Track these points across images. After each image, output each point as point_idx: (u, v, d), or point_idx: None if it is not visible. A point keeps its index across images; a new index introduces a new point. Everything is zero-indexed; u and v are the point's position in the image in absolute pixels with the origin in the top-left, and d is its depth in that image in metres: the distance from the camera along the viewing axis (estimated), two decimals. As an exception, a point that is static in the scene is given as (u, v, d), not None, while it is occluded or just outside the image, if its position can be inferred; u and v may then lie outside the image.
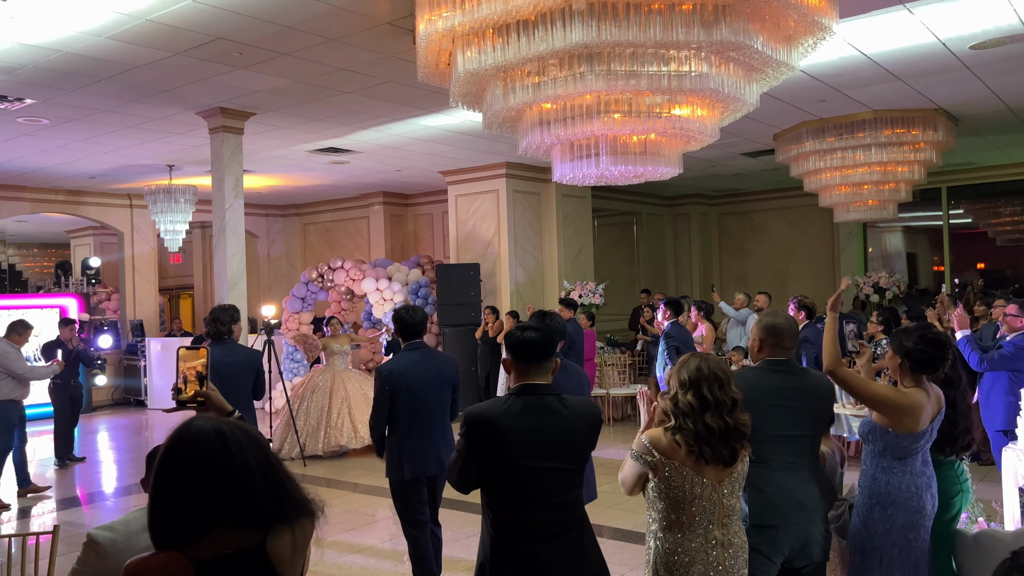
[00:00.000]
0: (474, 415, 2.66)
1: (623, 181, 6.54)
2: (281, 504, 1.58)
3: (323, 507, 1.81)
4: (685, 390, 2.67)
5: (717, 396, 2.65)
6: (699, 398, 2.64)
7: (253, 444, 1.59)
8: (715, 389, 2.65)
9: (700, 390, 2.65)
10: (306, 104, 8.35)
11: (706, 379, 2.66)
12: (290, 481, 1.63)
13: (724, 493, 2.68)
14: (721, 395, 2.65)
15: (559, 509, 2.64)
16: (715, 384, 2.66)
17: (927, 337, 3.25)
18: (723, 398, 2.65)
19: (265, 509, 1.55)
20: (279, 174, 12.60)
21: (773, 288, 14.43)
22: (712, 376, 2.67)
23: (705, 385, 2.65)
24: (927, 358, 3.25)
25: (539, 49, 4.86)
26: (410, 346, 4.25)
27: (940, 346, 3.24)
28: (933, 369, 3.26)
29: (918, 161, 9.60)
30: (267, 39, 6.35)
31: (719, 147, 11.04)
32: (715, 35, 4.74)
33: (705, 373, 2.67)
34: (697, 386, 2.66)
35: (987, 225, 17.27)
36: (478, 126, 6.77)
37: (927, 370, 3.26)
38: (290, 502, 1.60)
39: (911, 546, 3.23)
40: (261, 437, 1.65)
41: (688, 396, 2.65)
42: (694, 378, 2.67)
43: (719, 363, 2.74)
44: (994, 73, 7.93)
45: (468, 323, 11.52)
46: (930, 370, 3.26)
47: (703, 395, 2.64)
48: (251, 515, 1.54)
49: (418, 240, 15.36)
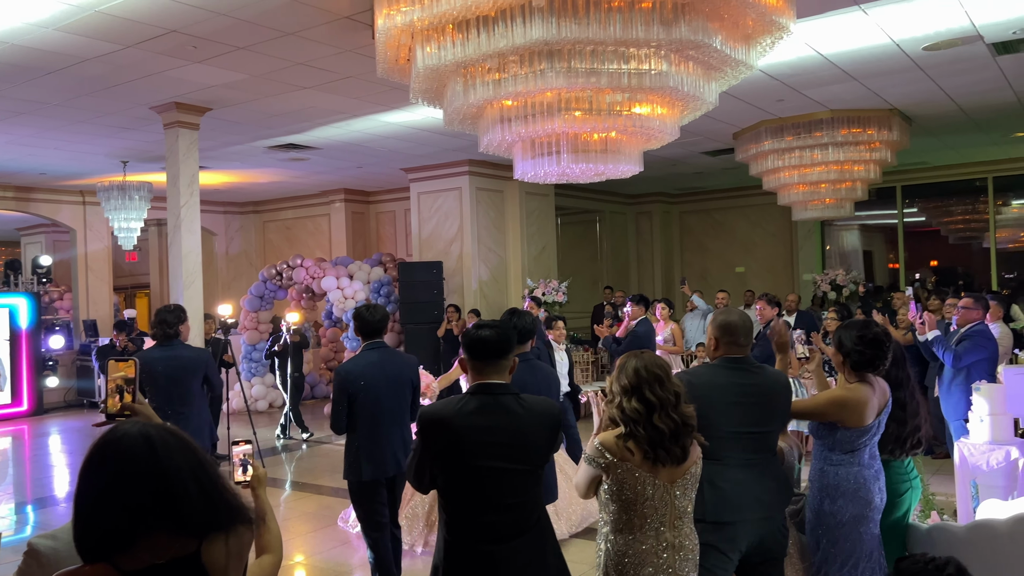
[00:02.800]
0: (428, 415, 2.63)
1: (584, 179, 6.54)
2: (215, 510, 1.52)
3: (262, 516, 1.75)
4: (629, 396, 2.65)
5: (660, 395, 2.63)
6: (643, 402, 2.62)
7: (183, 448, 1.53)
8: (656, 389, 2.63)
9: (643, 393, 2.63)
10: (264, 99, 8.21)
11: (646, 381, 2.64)
12: (225, 487, 1.57)
13: (676, 494, 2.67)
14: (664, 393, 2.64)
15: (515, 509, 2.61)
16: (656, 384, 2.64)
17: (865, 337, 3.30)
18: (666, 396, 2.64)
19: (198, 515, 1.49)
20: (237, 170, 12.39)
21: (732, 285, 14.60)
22: (651, 376, 2.65)
23: (647, 387, 2.63)
24: (865, 359, 3.30)
25: (499, 45, 4.83)
26: (369, 345, 4.20)
27: (878, 346, 3.29)
28: (871, 368, 3.32)
29: (873, 160, 9.77)
30: (223, 32, 6.23)
31: (680, 146, 11.12)
32: (674, 33, 4.75)
33: (644, 375, 2.65)
34: (639, 390, 2.64)
35: (940, 223, 17.66)
36: (440, 123, 6.72)
37: (865, 369, 3.32)
38: (225, 508, 1.54)
39: (863, 538, 3.27)
40: (193, 442, 1.58)
41: (633, 402, 2.63)
42: (634, 383, 2.65)
43: (654, 361, 2.72)
44: (946, 74, 8.09)
45: (431, 321, 11.46)
46: (868, 369, 3.32)
47: (646, 398, 2.62)
48: (183, 522, 1.48)
49: (380, 238, 15.23)
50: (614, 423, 2.68)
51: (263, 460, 8.59)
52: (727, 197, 16.36)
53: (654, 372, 2.66)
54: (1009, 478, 4.73)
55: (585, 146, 5.86)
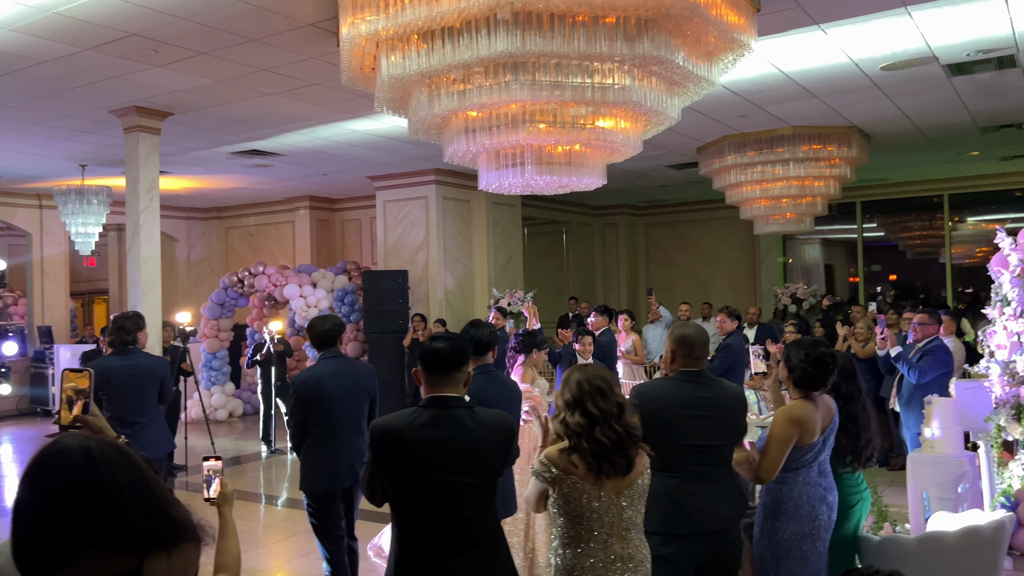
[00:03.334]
0: (379, 427, 2.61)
1: (549, 191, 6.56)
2: (158, 527, 1.48)
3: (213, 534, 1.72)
4: (572, 410, 2.65)
5: (603, 408, 2.63)
6: (586, 415, 2.62)
7: (126, 462, 1.49)
8: (599, 402, 2.63)
9: (585, 407, 2.63)
10: (227, 105, 8.12)
11: (588, 394, 2.64)
12: (170, 503, 1.53)
13: (623, 505, 2.67)
14: (607, 406, 2.64)
15: (467, 523, 2.59)
16: (598, 396, 2.64)
17: (810, 356, 3.34)
18: (609, 408, 2.64)
19: (139, 532, 1.45)
20: (199, 176, 12.23)
21: (697, 297, 14.74)
22: (593, 389, 2.65)
23: (589, 401, 2.63)
24: (808, 376, 3.34)
25: (464, 57, 4.84)
26: (325, 355, 4.16)
27: (821, 366, 3.33)
28: (813, 387, 3.35)
29: (833, 176, 9.95)
30: (185, 37, 6.15)
31: (645, 159, 11.21)
32: (638, 49, 4.80)
33: (586, 388, 2.65)
34: (582, 403, 2.64)
35: (898, 238, 18.05)
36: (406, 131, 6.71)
37: (808, 387, 3.35)
38: (169, 525, 1.50)
39: (806, 556, 3.30)
40: (136, 456, 1.55)
41: (576, 416, 2.63)
42: (577, 396, 2.65)
43: (597, 373, 2.72)
44: (903, 94, 8.27)
45: (396, 331, 11.38)
46: (811, 387, 3.35)
47: (589, 411, 2.62)
48: (124, 539, 1.44)
49: (345, 246, 15.11)
50: (559, 437, 2.68)
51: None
52: (692, 210, 16.53)
53: (596, 384, 2.66)
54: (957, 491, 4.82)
55: (549, 158, 5.89)
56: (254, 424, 11.97)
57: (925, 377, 5.91)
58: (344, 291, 12.04)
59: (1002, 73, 7.63)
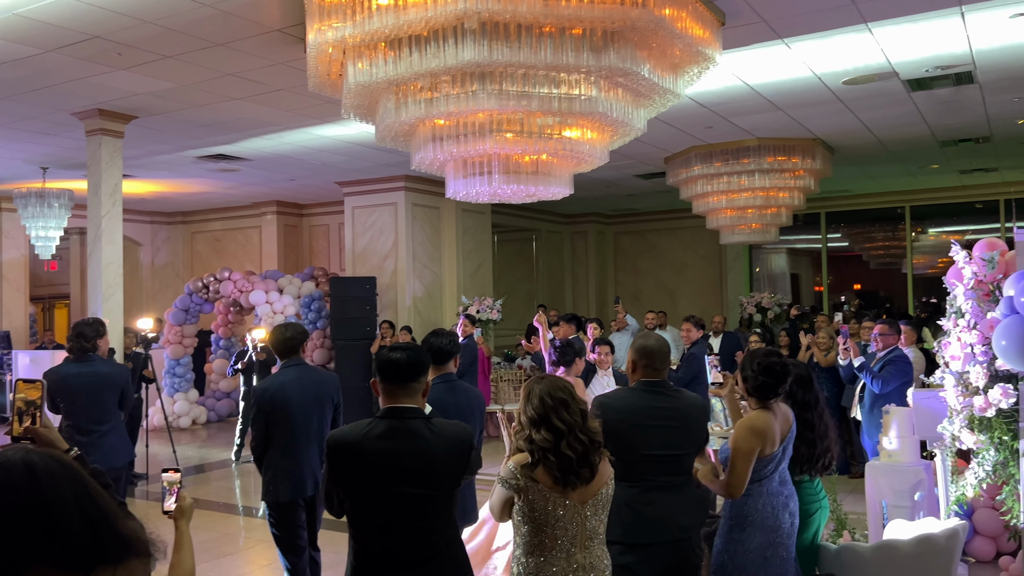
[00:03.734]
0: (335, 438, 2.60)
1: (516, 200, 6.58)
2: (102, 543, 1.45)
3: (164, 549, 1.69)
4: (537, 427, 2.64)
5: (568, 420, 2.63)
6: (552, 430, 2.62)
7: (70, 476, 1.47)
8: (564, 414, 2.63)
9: (551, 422, 2.63)
10: (193, 109, 8.03)
11: (553, 409, 2.64)
12: (118, 517, 1.51)
13: (587, 515, 2.68)
14: (571, 417, 2.64)
15: (423, 535, 2.58)
16: (562, 408, 2.64)
17: (762, 365, 3.40)
18: (573, 420, 2.64)
19: (82, 547, 1.43)
20: (164, 180, 12.07)
21: (665, 305, 14.86)
22: (558, 402, 2.65)
23: (554, 415, 2.63)
24: (760, 384, 3.40)
25: (431, 65, 4.83)
26: (287, 364, 4.12)
27: (774, 375, 3.38)
28: (767, 395, 3.40)
29: (798, 187, 10.10)
30: (149, 40, 6.07)
31: (613, 168, 11.29)
32: (604, 60, 4.84)
33: (550, 403, 2.64)
34: (547, 420, 2.63)
35: (862, 249, 18.37)
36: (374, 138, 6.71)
37: (763, 396, 3.41)
38: (114, 540, 1.47)
39: (769, 564, 3.34)
40: (80, 470, 1.52)
41: (542, 432, 2.62)
42: (541, 412, 2.65)
43: (556, 384, 2.72)
44: (865, 107, 8.43)
45: (363, 338, 11.31)
46: (765, 396, 3.41)
47: (555, 426, 2.62)
48: (67, 555, 1.41)
49: (313, 252, 15.00)
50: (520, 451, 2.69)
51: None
52: (660, 219, 16.67)
53: (559, 397, 2.66)
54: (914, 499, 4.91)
55: (516, 167, 5.90)
56: (218, 432, 11.83)
57: (887, 387, 6.02)
58: (311, 297, 11.94)
59: (960, 89, 7.81)
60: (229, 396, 12.75)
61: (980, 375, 4.12)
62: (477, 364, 9.52)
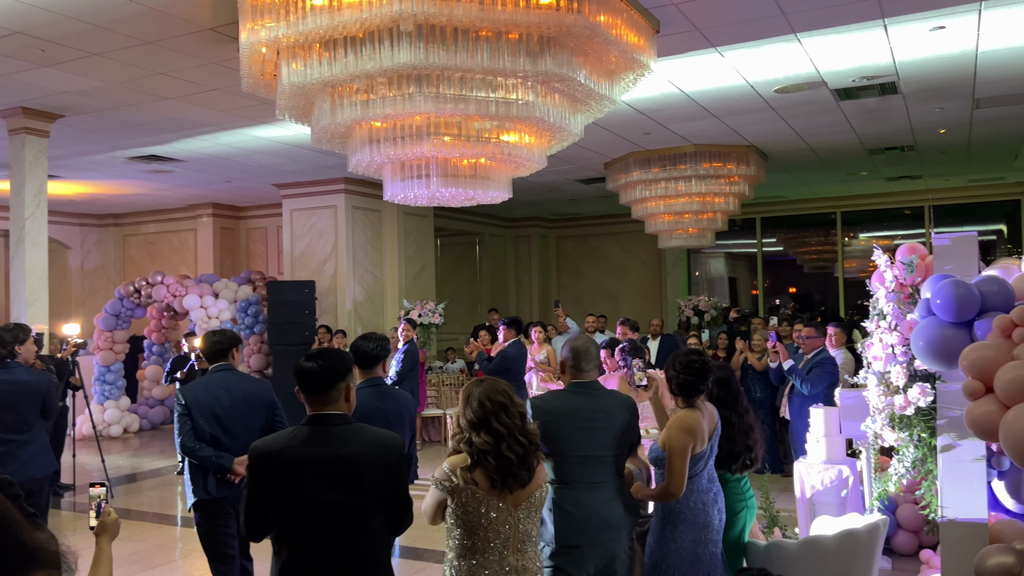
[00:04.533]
0: (257, 446, 2.53)
1: (456, 203, 6.57)
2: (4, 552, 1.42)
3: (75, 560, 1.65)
4: (476, 430, 2.64)
5: (507, 423, 2.64)
6: (492, 433, 2.62)
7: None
8: (503, 417, 2.64)
9: (491, 425, 2.63)
10: (123, 108, 7.81)
11: (492, 412, 2.64)
12: (23, 527, 1.47)
13: (520, 518, 2.69)
14: (510, 420, 2.65)
15: (351, 547, 2.51)
16: (501, 412, 2.65)
17: (684, 364, 3.50)
18: (512, 422, 2.65)
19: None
20: (94, 181, 11.69)
21: (607, 309, 15.02)
22: (496, 405, 2.65)
23: (493, 419, 2.63)
24: (682, 382, 3.50)
25: (367, 67, 4.79)
26: (215, 368, 4.04)
27: (695, 373, 3.47)
28: (691, 393, 3.49)
29: (733, 193, 10.32)
30: (74, 37, 5.89)
31: (554, 173, 11.38)
32: (540, 66, 4.87)
33: (488, 407, 2.65)
34: (486, 422, 2.63)
35: (796, 253, 18.88)
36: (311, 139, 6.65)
37: (685, 394, 3.50)
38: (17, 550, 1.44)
39: (700, 560, 3.41)
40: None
41: (481, 435, 2.62)
42: (480, 416, 2.65)
43: (495, 387, 2.72)
44: (796, 115, 8.67)
45: (302, 343, 11.12)
46: (687, 394, 3.50)
47: (495, 429, 2.62)
48: None
49: (251, 255, 14.71)
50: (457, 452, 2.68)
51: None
52: (601, 224, 16.85)
53: (498, 400, 2.66)
54: (840, 496, 5.06)
55: (455, 171, 5.90)
56: (151, 440, 11.51)
57: (815, 388, 6.21)
58: (248, 302, 11.71)
59: (885, 99, 8.10)
60: (163, 403, 12.42)
61: (900, 375, 4.27)
62: (419, 369, 9.47)
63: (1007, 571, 3.00)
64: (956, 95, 8.02)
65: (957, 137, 10.01)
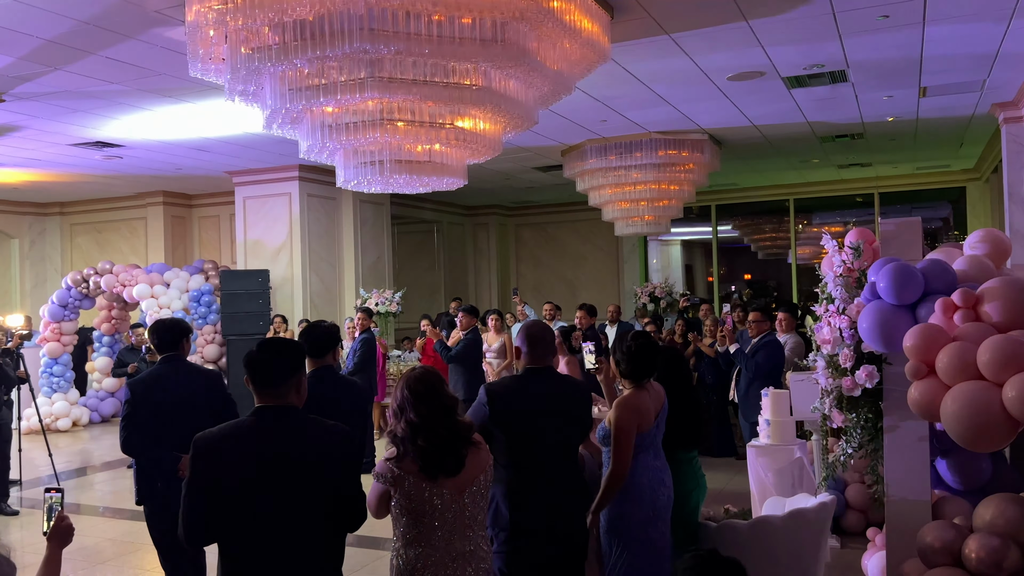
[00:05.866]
0: (199, 438, 2.43)
1: (411, 190, 6.52)
2: None
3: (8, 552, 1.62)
4: (398, 419, 2.66)
5: (423, 413, 2.63)
6: (409, 424, 2.63)
7: None
8: (420, 407, 2.63)
9: (408, 415, 2.64)
10: (65, 93, 7.57)
11: (409, 401, 2.65)
12: None
13: (466, 503, 2.69)
14: (429, 411, 2.64)
15: (298, 545, 2.42)
16: (419, 401, 2.64)
17: (630, 348, 3.53)
18: (431, 413, 2.64)
19: None
20: (36, 169, 11.34)
21: (565, 296, 15.08)
22: (415, 394, 2.65)
23: (410, 408, 2.64)
24: (631, 367, 3.53)
25: (317, 51, 4.71)
26: (163, 359, 3.95)
27: (642, 356, 3.51)
28: (639, 376, 3.53)
29: (688, 181, 10.42)
30: (8, 15, 5.67)
31: (511, 160, 11.36)
32: (493, 51, 4.83)
33: (408, 396, 2.66)
34: (405, 412, 2.65)
35: (751, 240, 19.17)
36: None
37: (632, 377, 3.54)
38: None
39: (651, 538, 3.45)
40: None
41: (401, 423, 2.64)
42: (400, 405, 2.67)
43: (420, 376, 2.73)
44: (749, 103, 8.77)
45: (256, 333, 10.96)
46: (635, 376, 3.53)
47: (411, 419, 2.63)
48: None
49: (203, 244, 14.42)
50: None
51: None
52: (559, 212, 16.89)
53: (416, 390, 2.66)
54: (792, 477, 5.16)
55: (409, 157, 5.85)
56: (101, 433, 11.26)
57: (760, 371, 6.33)
58: (200, 291, 11.50)
59: (835, 87, 8.23)
60: (113, 396, 12.15)
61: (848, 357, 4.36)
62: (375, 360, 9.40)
63: (947, 546, 3.09)
64: (904, 83, 8.18)
65: (905, 125, 10.24)
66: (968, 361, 2.85)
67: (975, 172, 14.06)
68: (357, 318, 9.36)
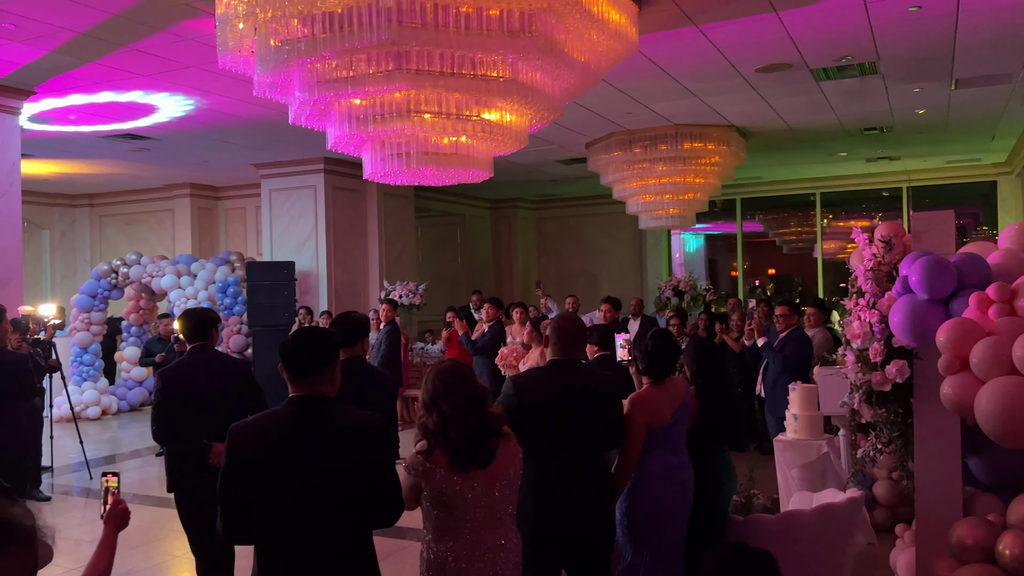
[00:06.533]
0: (234, 429, 2.43)
1: (436, 182, 6.54)
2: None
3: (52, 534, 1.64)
4: (429, 411, 2.67)
5: (457, 404, 2.63)
6: (440, 415, 2.64)
7: None
8: (454, 398, 2.64)
9: (440, 407, 2.64)
10: (97, 86, 7.66)
11: (442, 393, 2.65)
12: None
13: (496, 496, 2.68)
14: (462, 402, 2.65)
15: (334, 536, 2.40)
16: (453, 392, 2.65)
17: (649, 347, 3.54)
18: (464, 405, 2.65)
19: None
20: (68, 160, 11.50)
21: (587, 290, 15.03)
22: (448, 386, 2.66)
23: (442, 400, 2.64)
24: (649, 364, 3.53)
25: (346, 43, 4.73)
26: (193, 349, 3.99)
27: (661, 356, 3.52)
28: (658, 373, 3.53)
29: (714, 174, 10.34)
30: (40, 9, 5.75)
31: (535, 153, 11.34)
32: (520, 42, 4.82)
33: (440, 387, 2.66)
34: (436, 404, 2.65)
35: (776, 234, 18.99)
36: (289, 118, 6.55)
37: (651, 374, 3.54)
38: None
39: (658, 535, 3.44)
40: None
41: (433, 416, 2.65)
42: (432, 397, 2.67)
43: (450, 368, 2.74)
44: (776, 95, 8.68)
45: (282, 324, 11.04)
46: (655, 374, 3.53)
47: (443, 411, 2.63)
48: None
49: (229, 236, 14.56)
50: None
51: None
52: (581, 205, 16.84)
53: (448, 382, 2.67)
54: (819, 472, 5.12)
55: (436, 149, 5.86)
56: (130, 422, 11.42)
57: (789, 365, 6.29)
58: (226, 283, 11.60)
59: (865, 80, 8.12)
60: (141, 385, 12.32)
61: (878, 351, 4.31)
62: (400, 350, 9.46)
63: (980, 543, 3.05)
64: (935, 75, 8.06)
65: (935, 118, 10.09)
66: (1003, 356, 2.81)
67: (1007, 166, 13.82)
68: (382, 309, 9.41)
